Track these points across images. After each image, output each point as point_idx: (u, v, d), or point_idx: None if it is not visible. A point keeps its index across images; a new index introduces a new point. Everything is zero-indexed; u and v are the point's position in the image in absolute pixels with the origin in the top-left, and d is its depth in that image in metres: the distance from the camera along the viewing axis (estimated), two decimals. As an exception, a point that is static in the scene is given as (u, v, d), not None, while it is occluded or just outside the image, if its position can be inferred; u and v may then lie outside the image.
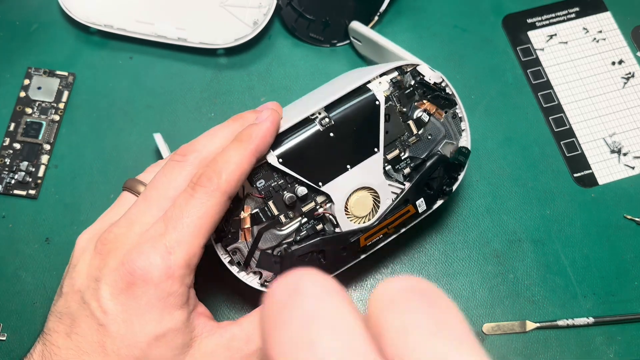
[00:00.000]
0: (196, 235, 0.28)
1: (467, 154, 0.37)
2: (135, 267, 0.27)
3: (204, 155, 0.31)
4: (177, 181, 0.30)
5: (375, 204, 0.35)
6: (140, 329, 0.27)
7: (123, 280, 0.27)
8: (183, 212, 0.28)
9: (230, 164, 0.29)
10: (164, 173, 0.31)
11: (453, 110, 0.36)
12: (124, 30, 0.47)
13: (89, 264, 0.29)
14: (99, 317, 0.27)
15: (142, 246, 0.28)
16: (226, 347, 0.30)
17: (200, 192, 0.29)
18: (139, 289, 0.27)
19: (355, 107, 0.34)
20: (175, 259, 0.28)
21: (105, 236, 0.29)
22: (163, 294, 0.28)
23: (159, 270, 0.27)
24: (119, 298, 0.27)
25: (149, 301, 0.27)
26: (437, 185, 0.36)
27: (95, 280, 0.28)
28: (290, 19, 0.48)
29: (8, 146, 0.44)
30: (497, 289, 0.41)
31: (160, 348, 0.28)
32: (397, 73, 0.35)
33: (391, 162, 0.35)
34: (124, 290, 0.27)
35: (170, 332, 0.28)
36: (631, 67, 0.49)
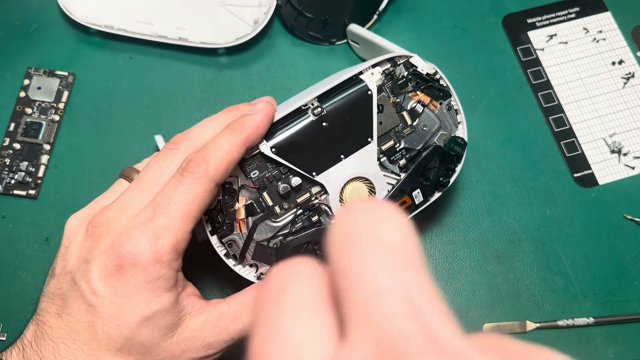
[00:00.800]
0: (183, 221, 0.29)
1: (463, 144, 0.37)
2: (124, 250, 0.28)
3: (197, 144, 0.31)
4: (170, 168, 0.31)
5: (370, 195, 0.35)
6: (129, 311, 0.28)
7: (112, 263, 0.28)
8: (171, 198, 0.29)
9: (219, 151, 0.30)
10: (156, 160, 0.31)
11: (448, 102, 0.36)
12: (124, 31, 0.47)
13: (80, 245, 0.30)
14: (89, 298, 0.28)
15: (131, 231, 0.28)
16: (214, 324, 0.31)
17: (188, 179, 0.29)
18: (127, 272, 0.28)
19: (348, 97, 0.34)
20: (162, 244, 0.28)
21: (97, 219, 0.30)
22: (151, 277, 0.28)
23: (147, 254, 0.28)
24: (107, 280, 0.28)
25: (138, 284, 0.28)
26: (433, 176, 0.36)
27: (86, 262, 0.29)
28: (289, 17, 0.48)
29: (8, 146, 0.44)
30: (497, 289, 0.41)
31: (149, 328, 0.29)
32: (390, 64, 0.35)
33: (386, 153, 0.35)
34: (113, 273, 0.28)
35: (158, 314, 0.29)
36: (631, 67, 0.49)
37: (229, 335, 0.31)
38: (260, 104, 0.32)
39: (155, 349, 0.29)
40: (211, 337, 0.31)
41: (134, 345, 0.29)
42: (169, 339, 0.29)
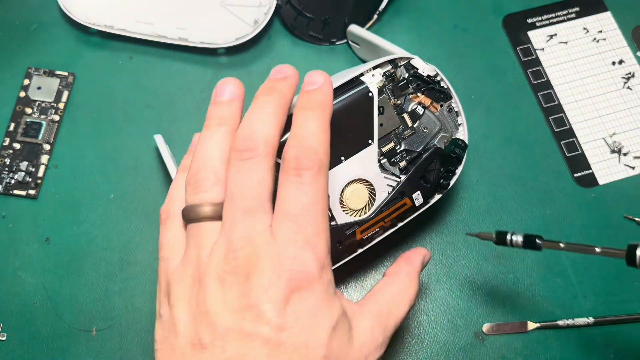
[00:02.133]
0: (324, 220, 0.27)
1: (463, 147, 0.37)
2: (295, 272, 0.26)
3: (271, 140, 0.28)
4: (265, 178, 0.27)
5: (371, 197, 0.35)
6: (319, 328, 0.26)
7: (286, 291, 0.26)
8: (304, 204, 0.27)
9: (320, 135, 0.28)
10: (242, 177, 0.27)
11: (449, 103, 0.36)
12: (124, 31, 0.47)
13: (224, 299, 0.26)
14: (276, 338, 0.25)
15: (288, 251, 0.26)
16: (378, 323, 0.30)
17: (309, 177, 0.27)
18: (305, 291, 0.26)
19: (349, 99, 0.34)
20: (321, 250, 0.27)
21: (233, 264, 0.26)
22: (325, 286, 0.27)
23: (315, 265, 0.26)
24: (287, 310, 0.26)
25: (318, 297, 0.26)
26: (433, 178, 0.36)
27: (249, 308, 0.26)
28: (289, 17, 0.48)
29: (8, 146, 0.44)
30: (498, 289, 0.41)
31: (337, 338, 0.27)
32: (391, 66, 0.35)
33: (386, 155, 0.35)
34: (290, 300, 0.26)
35: (340, 319, 0.27)
36: (631, 67, 0.49)
37: (390, 332, 0.30)
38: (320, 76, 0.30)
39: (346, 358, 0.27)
40: (380, 336, 0.29)
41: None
42: (351, 346, 0.28)
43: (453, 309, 0.41)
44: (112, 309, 0.40)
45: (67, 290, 0.41)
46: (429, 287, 0.41)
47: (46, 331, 0.39)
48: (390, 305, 0.31)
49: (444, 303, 0.41)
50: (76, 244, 0.42)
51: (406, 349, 0.40)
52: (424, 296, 0.41)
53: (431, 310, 0.41)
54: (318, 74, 0.30)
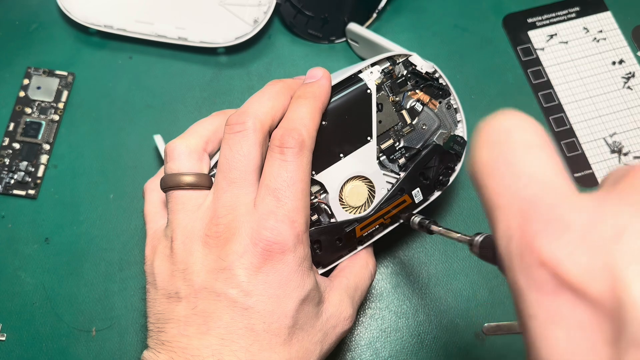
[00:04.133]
0: (304, 198, 0.29)
1: (462, 143, 0.37)
2: (271, 242, 0.28)
3: (262, 118, 0.30)
4: (252, 153, 0.29)
5: (370, 194, 0.35)
6: (287, 298, 0.28)
7: (260, 259, 0.27)
8: (285, 179, 0.29)
9: (305, 119, 0.30)
10: (232, 149, 0.30)
11: (447, 100, 0.36)
12: (123, 31, 0.47)
13: (203, 260, 0.28)
14: (243, 302, 0.27)
15: (266, 222, 0.28)
16: (347, 296, 0.32)
17: (290, 155, 0.29)
18: (278, 262, 0.28)
19: (347, 96, 0.34)
20: (299, 225, 0.28)
21: (215, 229, 0.29)
22: (299, 259, 0.28)
23: (292, 238, 0.28)
24: (258, 277, 0.28)
25: (290, 269, 0.28)
26: (432, 174, 0.36)
27: (223, 270, 0.28)
28: (289, 15, 0.48)
29: (7, 146, 0.44)
30: (498, 289, 0.41)
31: (305, 310, 0.29)
32: (389, 63, 0.35)
33: (385, 152, 0.35)
34: (262, 268, 0.28)
35: (311, 292, 0.29)
36: (631, 67, 0.48)
37: (357, 304, 0.33)
38: (319, 71, 0.32)
39: (312, 330, 0.29)
40: (349, 308, 0.32)
41: (295, 333, 0.28)
42: (320, 317, 0.30)
43: (453, 309, 0.41)
44: (111, 309, 0.40)
45: (67, 290, 0.41)
46: (428, 287, 0.41)
47: (46, 331, 0.39)
48: (356, 279, 0.34)
49: (444, 303, 0.41)
50: (76, 244, 0.42)
51: (406, 349, 0.40)
52: (424, 296, 0.41)
53: (431, 310, 0.41)
54: (318, 69, 0.33)
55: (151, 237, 0.32)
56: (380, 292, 0.41)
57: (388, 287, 0.41)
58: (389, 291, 0.41)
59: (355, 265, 0.34)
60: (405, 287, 0.41)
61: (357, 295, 0.33)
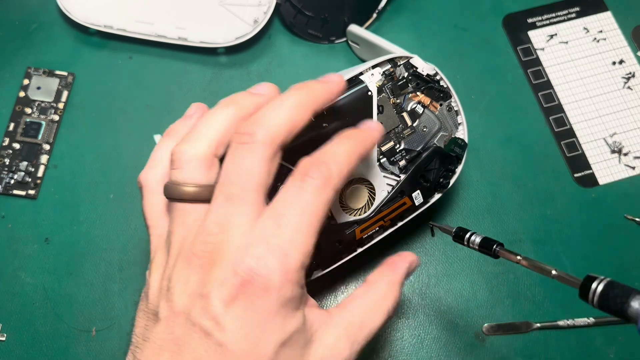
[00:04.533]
0: (310, 233, 0.26)
1: (463, 146, 0.37)
2: (254, 274, 0.24)
3: (274, 130, 0.27)
4: (255, 167, 0.26)
5: (370, 197, 0.35)
6: (265, 340, 0.25)
7: (239, 291, 0.24)
8: (295, 207, 0.25)
9: (340, 157, 0.27)
10: (234, 162, 0.27)
11: (448, 102, 0.36)
12: (123, 31, 0.47)
13: (186, 281, 0.26)
14: (217, 337, 0.24)
15: (255, 249, 0.25)
16: (346, 336, 0.28)
17: (311, 186, 0.26)
18: (258, 299, 0.24)
19: (348, 98, 0.34)
20: (292, 261, 0.25)
21: (202, 248, 0.26)
22: (284, 299, 0.25)
23: (278, 275, 0.24)
24: (235, 311, 0.24)
25: (271, 309, 0.25)
26: (433, 177, 0.36)
27: (201, 297, 0.25)
28: (289, 15, 0.48)
29: (7, 146, 0.44)
30: (498, 289, 0.41)
31: (286, 352, 0.25)
32: (390, 65, 0.35)
33: (386, 154, 0.35)
34: (241, 302, 0.24)
35: (294, 335, 0.26)
36: (631, 67, 0.48)
37: (359, 345, 0.28)
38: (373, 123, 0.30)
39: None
40: (346, 350, 0.28)
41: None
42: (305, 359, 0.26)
43: (453, 309, 0.41)
44: (111, 309, 0.40)
45: (67, 291, 0.41)
46: (429, 287, 0.41)
47: (46, 331, 0.39)
48: (364, 316, 0.29)
49: (444, 303, 0.41)
50: (76, 244, 0.42)
51: (406, 349, 0.40)
52: (424, 296, 0.41)
53: (431, 310, 0.41)
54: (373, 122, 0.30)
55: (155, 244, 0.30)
56: (380, 292, 0.41)
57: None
58: (389, 291, 0.41)
59: (367, 298, 0.30)
60: (405, 287, 0.41)
61: (361, 335, 0.28)
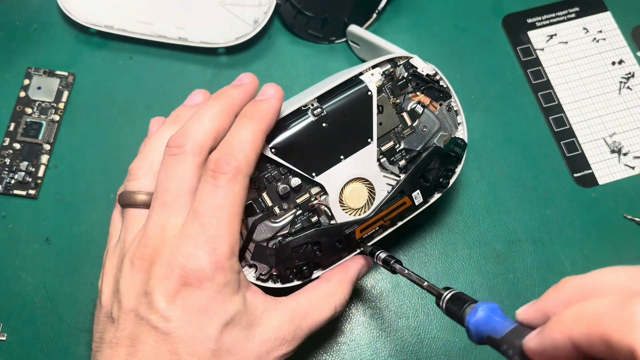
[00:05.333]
0: (232, 224, 0.28)
1: (463, 145, 0.37)
2: (187, 269, 0.27)
3: (201, 140, 0.30)
4: (187, 175, 0.29)
5: (370, 196, 0.35)
6: (208, 323, 0.28)
7: (177, 285, 0.27)
8: (212, 205, 0.28)
9: (245, 143, 0.29)
10: (166, 172, 0.30)
11: (448, 102, 0.37)
12: (123, 31, 0.47)
13: (131, 282, 0.29)
14: (163, 327, 0.27)
15: (185, 248, 0.28)
16: (290, 321, 0.31)
17: (223, 180, 0.28)
18: (195, 289, 0.27)
19: (348, 98, 0.34)
20: (220, 252, 0.28)
21: (142, 251, 0.29)
22: (219, 286, 0.28)
23: (209, 266, 0.27)
24: (176, 303, 0.27)
25: (209, 296, 0.28)
26: (433, 177, 0.36)
27: (145, 294, 0.28)
28: (289, 16, 0.48)
29: (8, 146, 0.44)
30: (497, 289, 0.41)
31: (231, 332, 0.28)
32: (390, 65, 0.35)
33: (386, 154, 0.35)
34: (180, 294, 0.27)
35: (236, 316, 0.29)
36: (631, 67, 0.48)
37: (303, 332, 0.31)
38: (271, 88, 0.32)
39: (242, 353, 0.29)
40: (289, 334, 0.31)
41: (222, 356, 0.28)
42: (251, 341, 0.29)
43: (453, 309, 0.41)
44: (112, 309, 0.40)
45: (67, 290, 0.41)
46: (428, 287, 0.41)
47: (46, 331, 0.39)
48: (310, 307, 0.32)
49: (443, 303, 0.41)
50: (76, 244, 0.42)
51: (406, 349, 0.40)
52: (424, 296, 0.41)
53: (431, 310, 0.41)
54: (270, 86, 0.32)
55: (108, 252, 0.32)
56: (380, 292, 0.41)
57: (388, 287, 0.41)
58: (389, 291, 0.41)
59: (317, 292, 0.33)
60: (405, 287, 0.41)
61: (304, 323, 0.31)
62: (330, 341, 0.40)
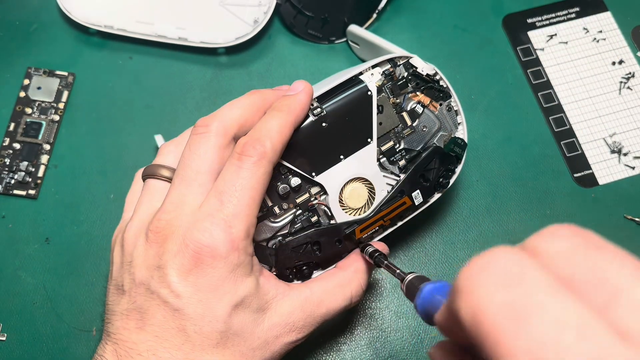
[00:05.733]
0: (251, 206, 0.29)
1: (463, 145, 0.37)
2: (201, 245, 0.27)
3: (227, 124, 0.30)
4: (208, 154, 0.30)
5: (370, 196, 0.35)
6: (218, 303, 0.28)
7: (190, 261, 0.27)
8: (235, 184, 0.28)
9: (273, 132, 0.30)
10: (191, 150, 0.30)
11: (448, 102, 0.37)
12: (123, 31, 0.47)
13: (145, 255, 0.29)
14: (173, 303, 0.27)
15: (202, 223, 0.28)
16: (301, 309, 0.31)
17: (248, 162, 0.29)
18: (208, 266, 0.27)
19: (348, 98, 0.34)
20: (236, 232, 0.28)
21: (157, 224, 0.29)
22: (232, 266, 0.28)
23: (224, 244, 0.27)
24: (188, 279, 0.27)
25: (220, 275, 0.28)
26: (433, 176, 0.36)
27: (158, 268, 0.28)
28: (289, 16, 0.48)
29: (8, 146, 0.44)
30: (497, 289, 0.41)
31: (240, 315, 0.28)
32: (390, 65, 0.35)
33: (386, 153, 0.35)
34: (192, 271, 0.27)
35: (246, 299, 0.29)
36: (631, 67, 0.48)
37: (315, 320, 0.31)
38: (300, 84, 0.32)
39: (249, 336, 0.29)
40: (300, 321, 0.31)
41: (229, 337, 0.28)
42: (260, 325, 0.29)
43: (453, 309, 0.41)
44: (112, 309, 0.40)
45: (67, 290, 0.41)
46: (428, 287, 0.41)
47: (46, 331, 0.39)
48: (324, 295, 0.32)
49: (443, 303, 0.41)
50: (76, 244, 0.42)
51: (406, 348, 0.40)
52: (423, 296, 0.41)
53: (431, 310, 0.41)
54: (301, 82, 0.32)
55: (120, 225, 0.33)
56: (380, 292, 0.41)
57: (388, 287, 0.41)
58: (389, 291, 0.41)
59: (332, 280, 0.33)
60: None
61: (317, 312, 0.31)
62: (330, 341, 0.40)
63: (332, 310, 0.32)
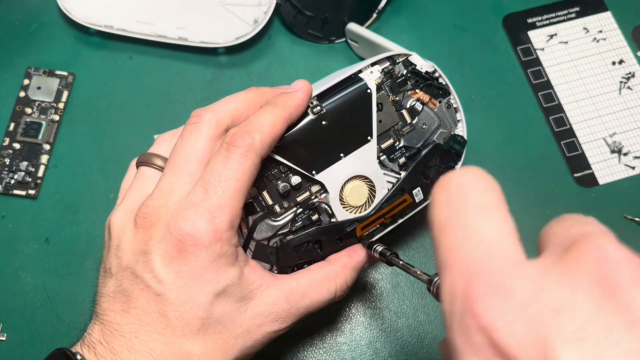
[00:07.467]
0: (236, 197, 0.29)
1: (462, 142, 0.37)
2: (184, 233, 0.28)
3: (220, 116, 0.31)
4: (199, 143, 0.30)
5: (370, 194, 0.35)
6: (199, 290, 0.28)
7: (173, 248, 0.28)
8: (221, 175, 0.29)
9: (264, 125, 0.30)
10: (183, 139, 0.31)
11: (447, 100, 0.37)
12: (123, 31, 0.47)
13: (132, 239, 0.29)
14: (155, 288, 0.28)
15: (186, 212, 0.28)
16: (285, 300, 0.31)
17: (235, 153, 0.29)
18: (190, 255, 0.28)
19: (348, 96, 0.34)
20: (220, 222, 0.28)
21: (144, 210, 0.29)
22: (214, 255, 0.28)
23: (207, 233, 0.28)
24: (171, 266, 0.28)
25: (203, 264, 0.28)
26: (433, 174, 0.36)
27: (143, 253, 0.28)
28: (289, 15, 0.48)
29: (8, 146, 0.44)
30: (497, 288, 0.41)
31: (222, 304, 0.29)
32: (389, 63, 0.35)
33: (386, 151, 0.35)
34: (175, 258, 0.28)
35: (228, 288, 0.29)
36: (631, 67, 0.48)
37: (299, 311, 0.32)
38: (300, 82, 0.32)
39: (231, 324, 0.29)
40: (283, 311, 0.31)
41: (211, 324, 0.29)
42: (243, 313, 0.30)
43: (453, 308, 0.41)
44: (111, 308, 0.40)
45: (67, 290, 0.41)
46: (429, 287, 0.41)
47: (46, 331, 0.39)
48: (309, 287, 0.32)
49: (444, 303, 0.41)
50: (76, 244, 0.42)
51: (406, 349, 0.40)
52: (424, 296, 0.41)
53: (431, 310, 0.41)
54: (300, 81, 0.33)
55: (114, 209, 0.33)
56: (380, 292, 0.41)
57: (388, 287, 0.41)
58: (389, 291, 0.41)
59: (318, 273, 0.33)
60: (405, 287, 0.41)
61: (302, 303, 0.32)
62: (330, 341, 0.40)
63: (315, 303, 0.32)
